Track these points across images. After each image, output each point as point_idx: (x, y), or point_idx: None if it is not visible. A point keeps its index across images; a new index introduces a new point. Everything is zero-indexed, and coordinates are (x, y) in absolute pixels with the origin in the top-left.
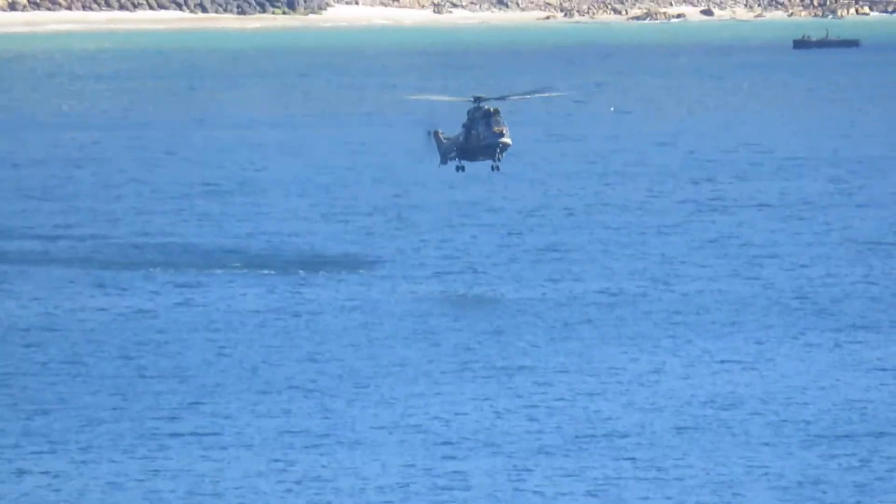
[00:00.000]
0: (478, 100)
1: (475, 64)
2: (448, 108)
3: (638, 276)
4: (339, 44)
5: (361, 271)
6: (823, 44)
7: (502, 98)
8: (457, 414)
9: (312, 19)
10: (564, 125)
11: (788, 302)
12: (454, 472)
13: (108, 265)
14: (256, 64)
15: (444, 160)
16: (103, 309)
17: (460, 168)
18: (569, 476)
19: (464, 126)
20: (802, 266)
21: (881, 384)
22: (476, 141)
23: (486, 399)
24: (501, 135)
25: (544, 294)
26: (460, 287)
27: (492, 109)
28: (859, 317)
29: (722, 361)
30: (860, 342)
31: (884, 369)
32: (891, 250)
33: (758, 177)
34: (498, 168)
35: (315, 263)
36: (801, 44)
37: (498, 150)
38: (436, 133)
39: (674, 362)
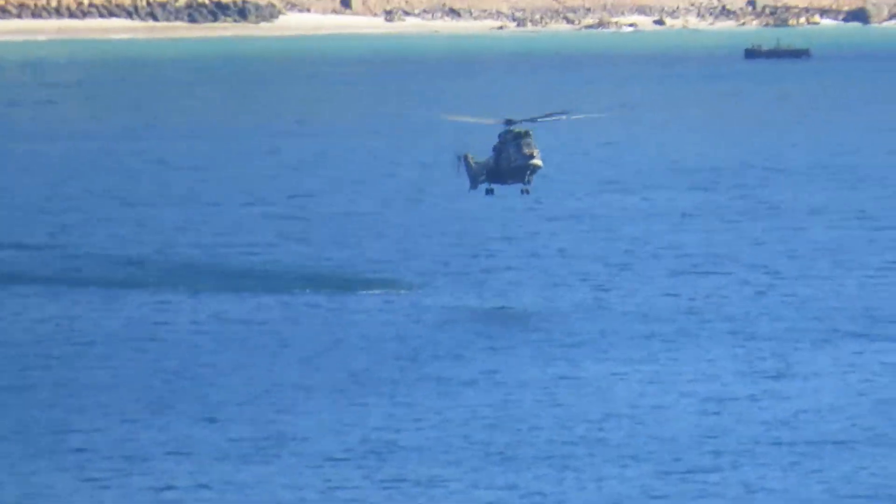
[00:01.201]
0: (509, 122)
1: (429, 71)
2: (477, 129)
3: (585, 284)
4: (296, 51)
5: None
6: (774, 53)
7: (533, 120)
8: (405, 426)
9: (264, 28)
10: None
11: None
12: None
13: (53, 278)
14: (214, 72)
15: (473, 184)
16: (41, 321)
17: (490, 191)
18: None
19: (494, 149)
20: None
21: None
22: (507, 163)
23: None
24: (532, 157)
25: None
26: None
27: (522, 131)
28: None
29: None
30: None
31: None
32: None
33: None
34: (528, 191)
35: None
36: (752, 53)
37: (528, 173)
38: (465, 157)
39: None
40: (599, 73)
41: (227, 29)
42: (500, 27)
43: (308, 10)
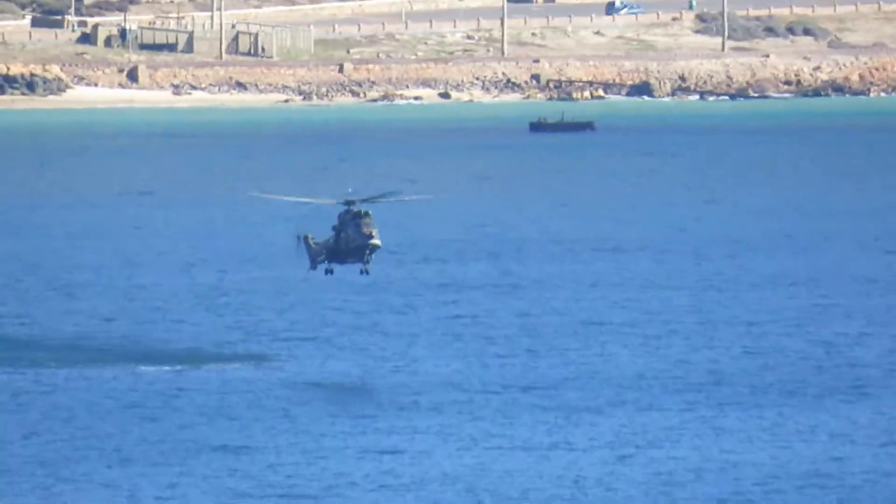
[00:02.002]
0: (348, 203)
1: (214, 144)
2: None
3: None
4: (86, 124)
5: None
6: (559, 126)
7: (371, 200)
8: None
9: (52, 101)
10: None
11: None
12: None
13: None
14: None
15: (313, 265)
16: None
17: (329, 271)
18: None
19: (333, 228)
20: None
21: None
22: (346, 244)
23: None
24: (371, 236)
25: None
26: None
27: (362, 211)
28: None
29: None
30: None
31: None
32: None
33: (483, 258)
34: (367, 272)
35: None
36: (537, 126)
37: (368, 252)
38: (305, 237)
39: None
40: (384, 146)
41: (14, 102)
42: (286, 101)
43: (96, 84)
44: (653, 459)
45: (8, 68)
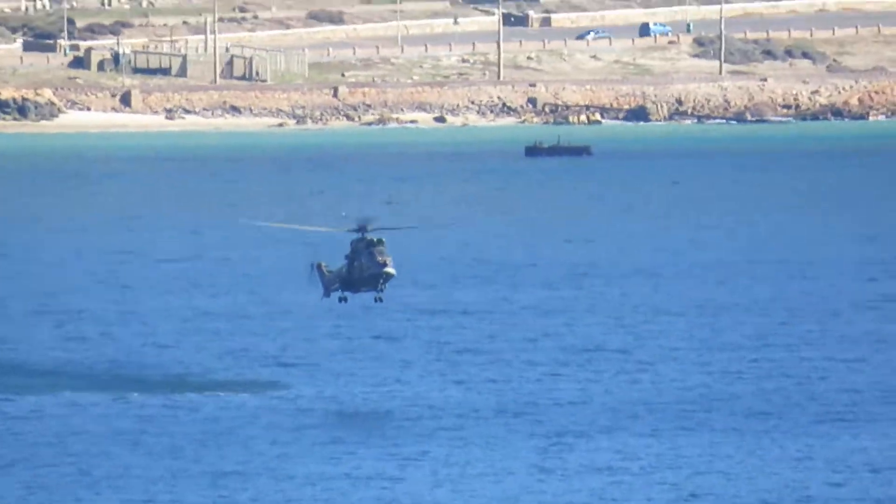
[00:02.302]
0: (361, 230)
1: (211, 169)
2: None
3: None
4: (79, 148)
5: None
6: (555, 151)
7: (383, 228)
8: None
9: (45, 125)
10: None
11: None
12: None
13: None
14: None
15: (327, 293)
16: None
17: (343, 299)
18: None
19: (346, 257)
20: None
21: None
22: (359, 272)
23: None
24: (385, 265)
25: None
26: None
27: (375, 240)
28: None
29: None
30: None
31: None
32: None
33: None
34: (381, 299)
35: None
36: (532, 150)
37: (381, 281)
38: (318, 265)
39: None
40: (377, 170)
41: (6, 127)
42: (280, 124)
43: (88, 109)
44: (648, 484)
45: None
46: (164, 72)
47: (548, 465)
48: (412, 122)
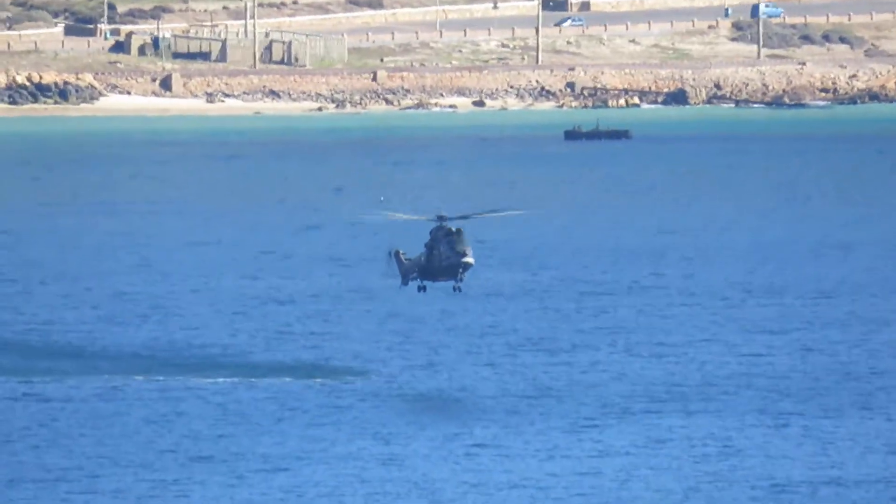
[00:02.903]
0: (441, 219)
1: (251, 153)
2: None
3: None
4: (120, 132)
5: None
6: (594, 135)
7: (465, 217)
8: None
9: (85, 109)
10: None
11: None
12: None
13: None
14: (30, 152)
15: (405, 280)
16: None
17: (422, 288)
18: None
19: (426, 246)
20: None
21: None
22: (438, 261)
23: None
24: (465, 255)
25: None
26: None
27: (454, 229)
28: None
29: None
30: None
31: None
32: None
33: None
34: (460, 289)
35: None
36: (572, 134)
37: (461, 271)
38: (396, 253)
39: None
40: (417, 155)
41: (47, 110)
42: (319, 108)
43: (129, 93)
44: (679, 465)
45: (41, 77)
46: (205, 56)
47: (586, 447)
48: (451, 106)
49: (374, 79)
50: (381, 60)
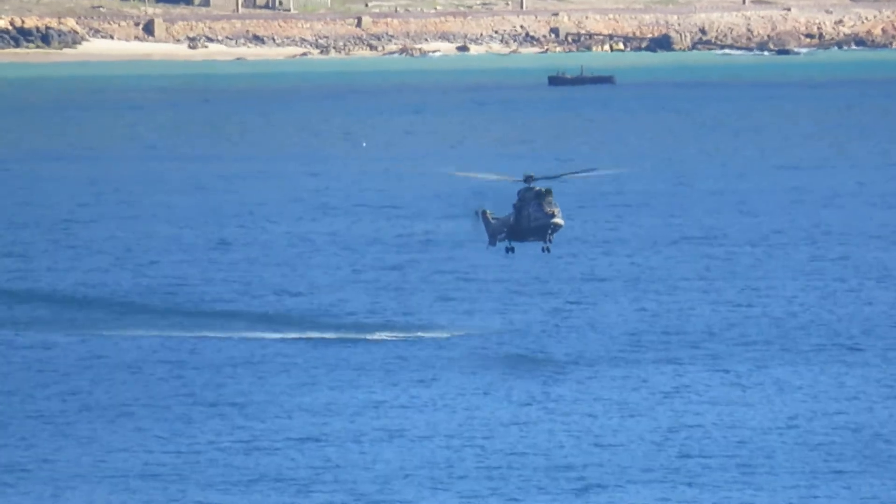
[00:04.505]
0: (528, 179)
1: (234, 99)
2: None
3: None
4: (98, 78)
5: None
6: (578, 80)
7: (555, 177)
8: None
9: (67, 54)
10: None
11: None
12: None
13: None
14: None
15: (492, 241)
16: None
17: (510, 249)
18: None
19: (514, 206)
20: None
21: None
22: (527, 222)
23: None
24: (553, 216)
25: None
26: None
27: (543, 190)
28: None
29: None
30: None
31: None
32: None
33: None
34: (548, 250)
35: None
36: (556, 80)
37: (549, 232)
38: (484, 213)
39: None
40: (402, 100)
41: (29, 55)
42: (304, 54)
43: (111, 37)
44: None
45: (23, 21)
46: (187, 1)
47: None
48: (435, 51)
49: (359, 24)
50: (366, 5)
